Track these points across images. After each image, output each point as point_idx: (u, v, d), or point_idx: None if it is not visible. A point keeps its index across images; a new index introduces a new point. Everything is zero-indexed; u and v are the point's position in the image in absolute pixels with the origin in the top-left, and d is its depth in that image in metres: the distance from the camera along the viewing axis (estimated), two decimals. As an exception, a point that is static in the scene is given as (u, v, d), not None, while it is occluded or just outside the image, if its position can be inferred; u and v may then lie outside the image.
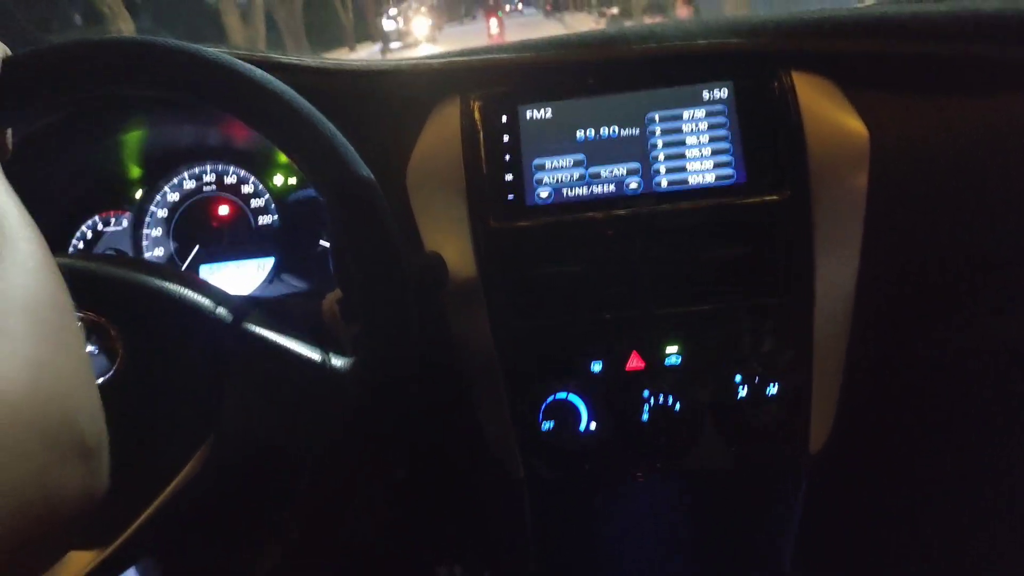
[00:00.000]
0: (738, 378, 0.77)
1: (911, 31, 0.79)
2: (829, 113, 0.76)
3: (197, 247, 0.94)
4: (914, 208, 0.76)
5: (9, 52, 0.61)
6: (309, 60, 0.82)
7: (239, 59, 0.62)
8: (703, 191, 0.77)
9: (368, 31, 27.32)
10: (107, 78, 0.61)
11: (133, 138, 0.94)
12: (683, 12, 8.36)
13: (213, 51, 0.62)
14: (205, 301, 0.63)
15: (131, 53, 0.60)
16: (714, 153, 0.77)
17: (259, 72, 0.62)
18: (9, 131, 0.60)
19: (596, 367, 0.79)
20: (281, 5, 15.78)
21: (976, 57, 0.78)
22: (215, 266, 0.94)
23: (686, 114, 0.78)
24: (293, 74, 0.78)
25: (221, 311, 0.63)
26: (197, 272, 0.94)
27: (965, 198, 0.76)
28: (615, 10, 13.25)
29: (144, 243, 0.94)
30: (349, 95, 0.81)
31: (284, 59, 0.80)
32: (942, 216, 0.77)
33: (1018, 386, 0.85)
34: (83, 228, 0.95)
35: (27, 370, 0.34)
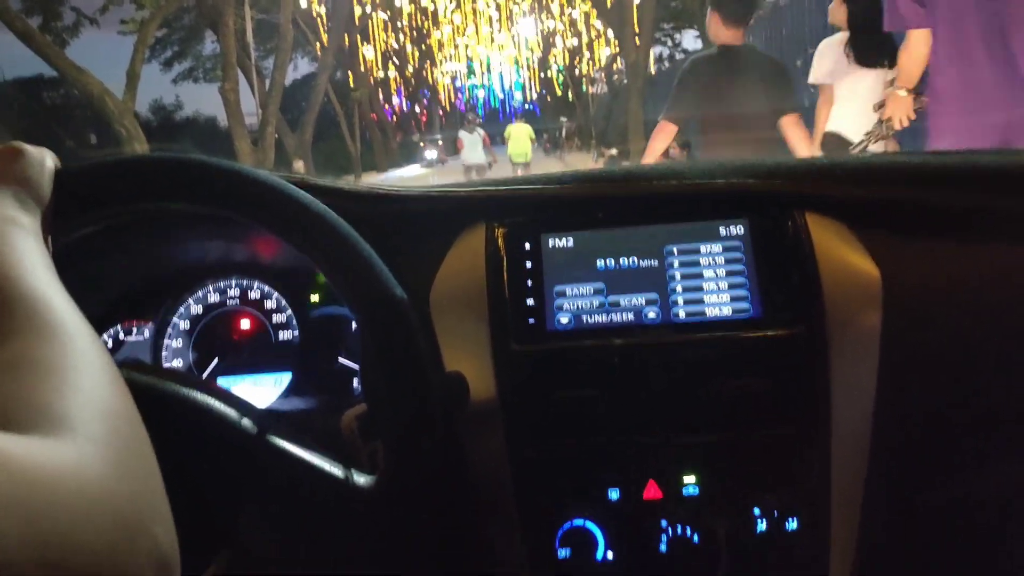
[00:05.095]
0: (756, 511, 0.77)
1: (916, 179, 0.83)
2: (842, 253, 0.79)
3: (216, 359, 0.95)
4: (927, 349, 0.78)
5: (59, 165, 0.64)
6: (343, 183, 0.85)
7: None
8: (720, 323, 0.79)
9: (374, 160, 28.32)
10: (157, 194, 0.64)
11: (161, 251, 0.97)
12: (678, 154, 8.72)
13: (258, 171, 0.65)
14: (230, 411, 0.63)
15: (180, 171, 0.63)
16: (730, 287, 0.80)
17: (302, 193, 0.64)
18: (49, 238, 0.62)
19: (613, 495, 0.78)
20: (292, 134, 16.38)
21: (979, 206, 0.82)
22: (232, 379, 0.94)
23: (703, 248, 0.81)
24: (328, 196, 0.81)
25: (246, 422, 0.63)
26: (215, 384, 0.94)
27: (978, 343, 0.78)
28: (614, 151, 13.80)
29: (164, 353, 0.95)
30: (379, 218, 0.84)
31: (320, 182, 0.83)
32: (956, 359, 0.78)
33: None
34: (104, 337, 0.96)
35: (108, 472, 0.35)
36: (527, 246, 0.83)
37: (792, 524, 0.77)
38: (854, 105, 3.39)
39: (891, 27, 2.77)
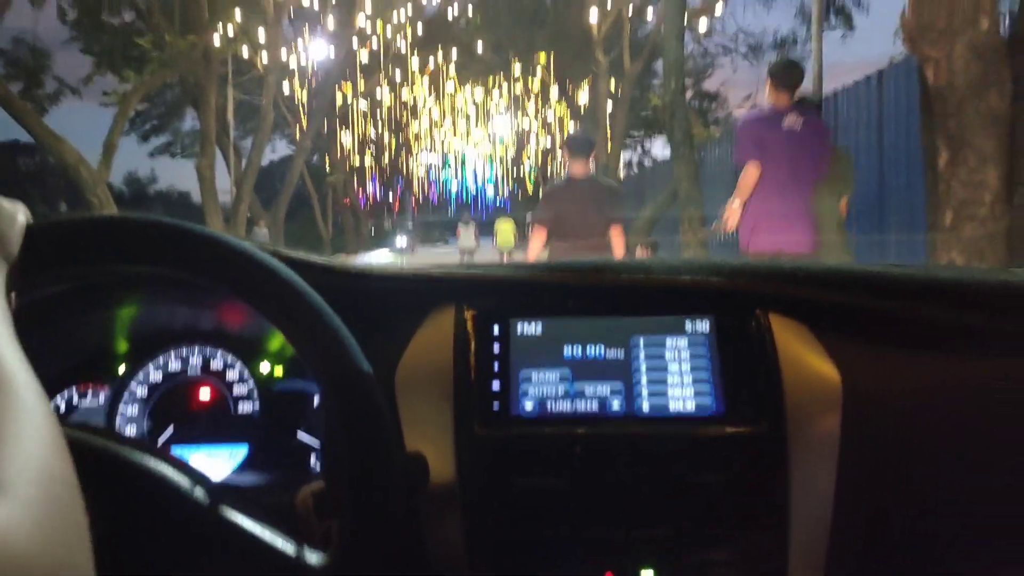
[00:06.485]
0: None
1: (873, 287, 0.86)
2: (803, 356, 0.81)
3: (172, 428, 0.92)
4: (885, 454, 0.79)
5: (31, 219, 0.64)
6: (316, 258, 0.86)
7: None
8: (683, 418, 0.79)
9: (344, 244, 28.41)
10: (128, 255, 0.63)
11: (125, 314, 0.96)
12: (641, 253, 9.01)
13: (229, 238, 0.66)
14: (183, 480, 0.62)
15: (153, 232, 0.63)
16: (695, 382, 0.81)
17: (273, 261, 0.65)
18: (13, 294, 0.61)
19: None
20: (265, 213, 16.43)
21: (936, 318, 0.84)
22: (187, 448, 0.92)
23: (669, 342, 0.82)
24: (300, 269, 0.82)
25: (198, 492, 0.61)
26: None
27: (934, 450, 0.79)
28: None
29: (118, 419, 0.93)
30: (349, 294, 0.84)
31: (293, 254, 0.84)
32: (913, 465, 0.79)
33: None
34: (58, 399, 0.94)
35: (37, 537, 0.34)
36: (496, 330, 0.83)
37: None
38: None
39: (737, 160, 4.18)
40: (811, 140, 4.12)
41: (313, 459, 0.92)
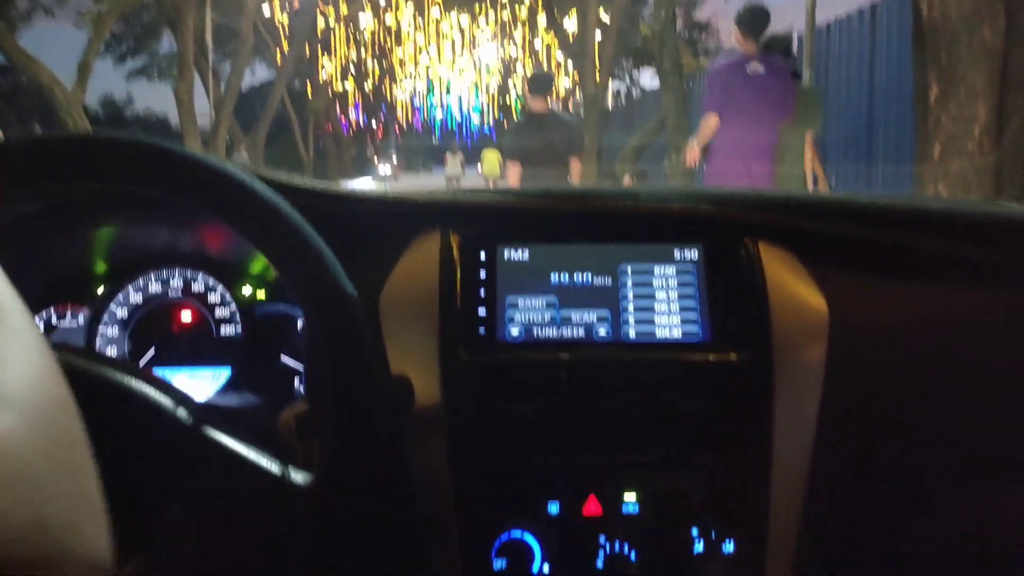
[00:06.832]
0: (695, 531, 0.77)
1: (862, 217, 0.85)
2: (792, 285, 0.80)
3: (153, 350, 0.92)
4: (869, 385, 0.79)
5: (2, 138, 0.62)
6: (299, 180, 0.84)
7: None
8: (669, 345, 0.79)
9: (326, 171, 28.09)
10: (103, 173, 0.61)
11: (104, 234, 0.94)
12: (628, 182, 9.00)
13: (210, 157, 0.64)
14: (165, 400, 0.61)
15: (129, 151, 0.61)
16: (682, 309, 0.80)
17: (255, 181, 0.63)
18: None
19: (553, 508, 0.78)
20: (244, 137, 16.15)
21: (924, 249, 0.84)
22: (169, 370, 0.91)
23: (657, 269, 0.82)
24: (283, 192, 0.80)
25: (182, 412, 0.61)
26: None
27: (917, 382, 0.80)
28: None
29: (98, 340, 0.92)
30: (332, 217, 0.82)
31: (275, 177, 0.82)
32: (895, 396, 0.80)
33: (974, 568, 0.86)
34: (36, 319, 0.93)
35: (39, 443, 0.34)
36: (482, 256, 0.82)
37: (729, 546, 0.77)
38: None
39: (706, 109, 4.54)
40: (775, 85, 4.43)
41: (297, 382, 0.92)
